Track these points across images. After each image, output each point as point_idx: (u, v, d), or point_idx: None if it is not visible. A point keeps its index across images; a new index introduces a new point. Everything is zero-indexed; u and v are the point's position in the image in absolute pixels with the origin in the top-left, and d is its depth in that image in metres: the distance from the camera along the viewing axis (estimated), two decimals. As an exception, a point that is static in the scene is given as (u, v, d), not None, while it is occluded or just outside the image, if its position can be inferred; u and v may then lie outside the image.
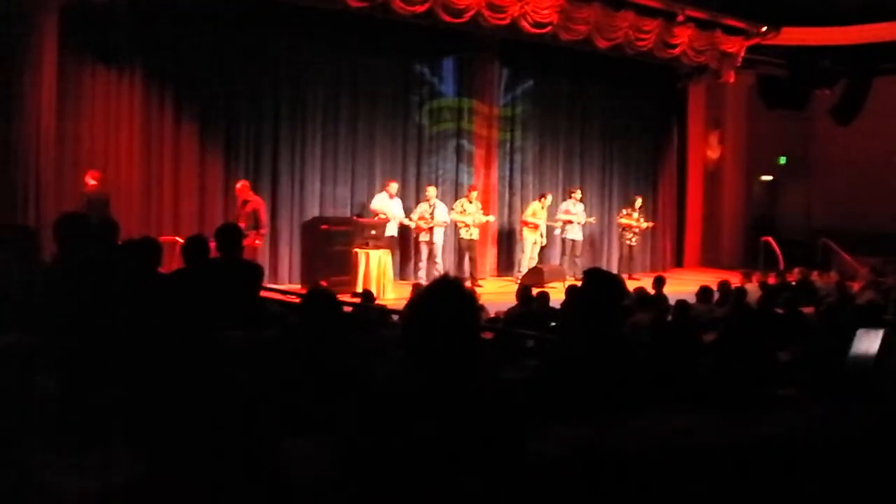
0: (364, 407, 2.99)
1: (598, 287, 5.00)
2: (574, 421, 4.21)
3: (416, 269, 16.56)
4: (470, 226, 16.64)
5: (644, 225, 19.01)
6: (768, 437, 4.29)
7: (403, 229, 16.50)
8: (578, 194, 18.51)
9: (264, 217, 14.08)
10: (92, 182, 12.83)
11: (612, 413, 4.41)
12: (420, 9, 14.86)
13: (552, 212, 18.25)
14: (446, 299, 3.03)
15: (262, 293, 8.32)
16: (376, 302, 12.50)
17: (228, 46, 15.23)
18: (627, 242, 19.05)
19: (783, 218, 24.50)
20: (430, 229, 16.33)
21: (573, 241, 18.42)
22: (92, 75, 13.99)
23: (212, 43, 15.04)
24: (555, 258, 18.68)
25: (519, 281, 15.86)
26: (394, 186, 16.24)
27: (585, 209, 18.76)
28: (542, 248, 18.18)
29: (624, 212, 19.19)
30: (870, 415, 4.75)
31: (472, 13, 15.42)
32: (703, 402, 5.70)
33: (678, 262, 21.93)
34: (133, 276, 6.07)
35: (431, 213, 16.33)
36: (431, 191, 16.69)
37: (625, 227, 18.96)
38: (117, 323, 5.03)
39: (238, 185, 14.37)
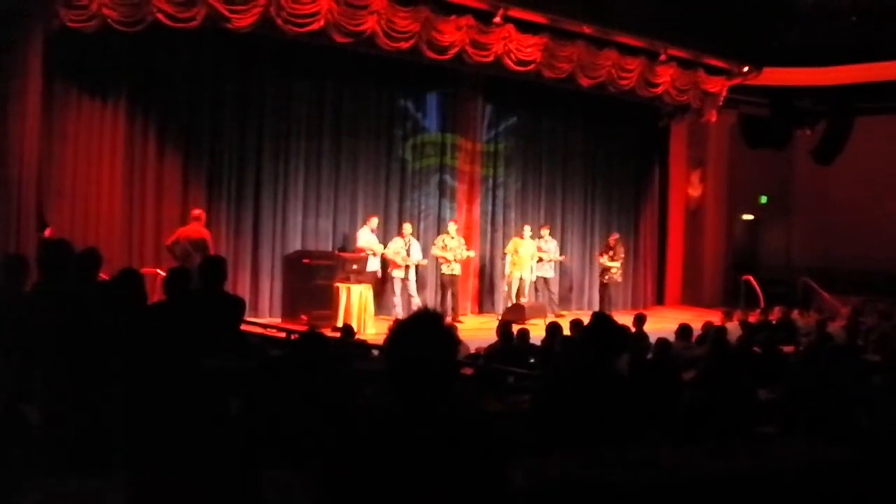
0: (344, 438, 2.99)
1: (604, 329, 5.09)
2: (560, 454, 4.23)
3: (393, 304, 16.49)
4: (451, 261, 16.64)
5: (614, 264, 18.87)
6: (747, 471, 4.31)
7: (385, 264, 16.47)
8: (547, 231, 18.55)
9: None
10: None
11: (597, 445, 4.44)
12: (404, 45, 14.93)
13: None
14: (426, 332, 3.05)
15: (243, 327, 8.29)
16: (357, 337, 12.48)
17: (213, 78, 15.32)
18: (604, 281, 19.03)
19: (764, 256, 24.59)
20: (407, 267, 16.37)
21: (545, 279, 18.43)
22: (76, 104, 13.97)
23: (196, 74, 15.11)
24: (531, 296, 18.66)
25: (500, 317, 15.83)
26: (374, 221, 16.25)
27: (566, 246, 18.84)
28: (530, 285, 18.17)
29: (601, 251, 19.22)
30: (849, 451, 4.77)
31: (455, 50, 15.49)
32: (682, 438, 5.72)
33: (659, 300, 21.94)
34: (115, 308, 6.06)
35: (408, 251, 16.36)
36: (407, 227, 16.69)
37: (604, 268, 18.96)
38: (98, 354, 5.02)
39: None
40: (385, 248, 16.36)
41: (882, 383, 8.15)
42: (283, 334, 10.63)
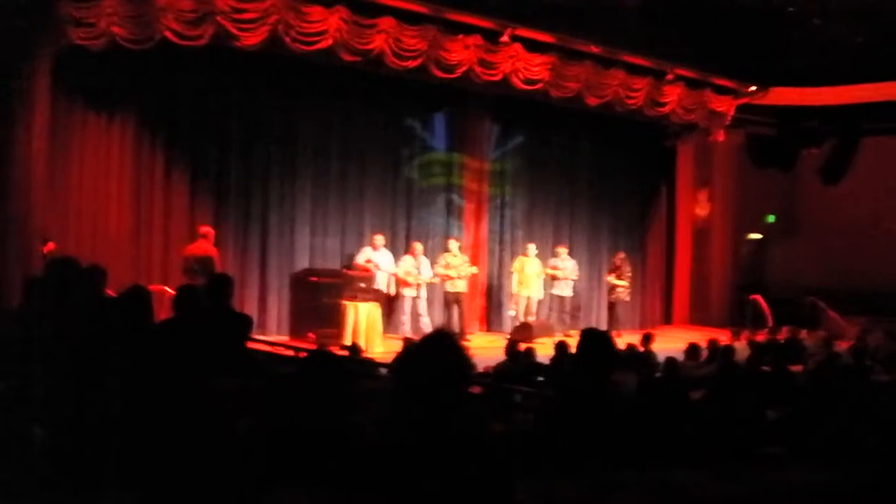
0: (353, 459, 2.98)
1: (594, 345, 5.05)
2: (566, 475, 4.21)
3: (401, 323, 16.46)
4: (455, 278, 16.67)
5: (620, 283, 18.86)
6: (754, 494, 4.29)
7: (396, 283, 16.45)
8: (565, 250, 18.56)
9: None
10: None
11: (602, 468, 4.41)
12: (412, 64, 14.96)
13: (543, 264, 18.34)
14: (438, 353, 3.04)
15: (251, 344, 8.29)
16: (364, 355, 12.46)
17: (220, 97, 15.34)
18: (611, 300, 19.05)
19: (772, 276, 24.52)
20: (418, 286, 16.36)
21: (561, 297, 18.43)
22: (83, 122, 14.03)
23: (204, 93, 15.13)
24: (543, 314, 18.63)
25: (508, 336, 15.79)
26: (380, 239, 16.26)
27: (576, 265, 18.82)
28: (540, 302, 18.20)
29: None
30: (856, 473, 4.75)
31: (463, 69, 15.50)
32: (690, 458, 5.69)
33: (667, 320, 21.91)
34: (121, 325, 6.06)
35: (418, 269, 16.37)
36: (418, 247, 16.73)
37: (611, 287, 18.99)
38: (103, 371, 5.02)
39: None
40: (396, 266, 16.36)
41: (889, 402, 8.13)
42: (290, 352, 10.64)
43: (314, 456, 3.83)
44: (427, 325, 16.06)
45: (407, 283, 16.33)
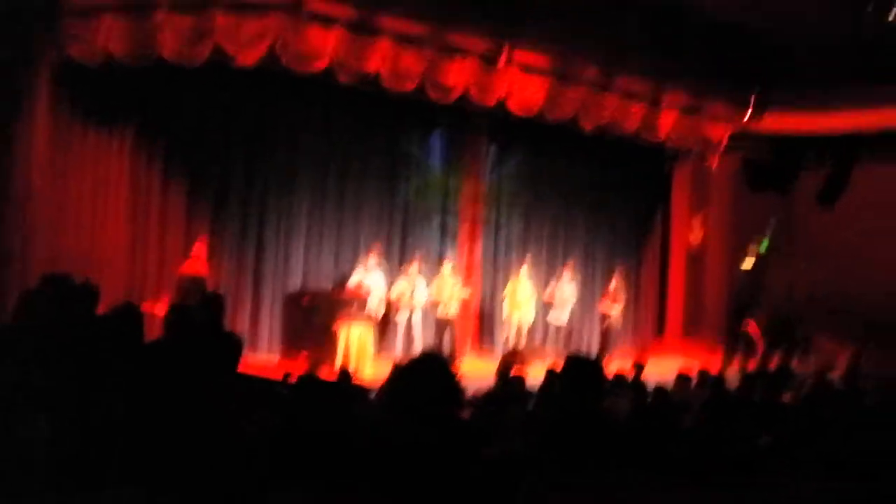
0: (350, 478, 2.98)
1: (579, 372, 5.05)
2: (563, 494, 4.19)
3: (393, 345, 16.39)
4: (444, 302, 16.66)
5: (615, 306, 18.92)
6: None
7: (386, 304, 16.41)
8: (569, 274, 18.57)
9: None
10: None
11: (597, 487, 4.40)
12: (409, 86, 14.96)
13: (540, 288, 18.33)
14: (428, 375, 3.04)
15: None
16: (354, 379, 12.39)
17: (219, 113, 15.39)
18: (604, 327, 19.08)
19: (767, 300, 24.46)
20: (411, 308, 16.33)
21: (557, 325, 18.43)
22: (82, 136, 14.04)
23: (203, 109, 15.20)
24: (537, 337, 18.60)
25: (499, 360, 15.72)
26: (372, 259, 16.15)
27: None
28: (532, 325, 18.16)
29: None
30: (848, 490, 4.75)
31: (459, 92, 15.53)
32: (683, 480, 5.68)
33: (659, 340, 21.85)
34: (111, 344, 6.06)
35: (412, 293, 16.33)
36: (413, 269, 16.66)
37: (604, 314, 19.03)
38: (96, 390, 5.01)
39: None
40: (389, 289, 16.32)
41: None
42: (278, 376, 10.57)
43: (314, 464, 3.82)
44: (419, 348, 16.02)
45: (400, 306, 16.30)
